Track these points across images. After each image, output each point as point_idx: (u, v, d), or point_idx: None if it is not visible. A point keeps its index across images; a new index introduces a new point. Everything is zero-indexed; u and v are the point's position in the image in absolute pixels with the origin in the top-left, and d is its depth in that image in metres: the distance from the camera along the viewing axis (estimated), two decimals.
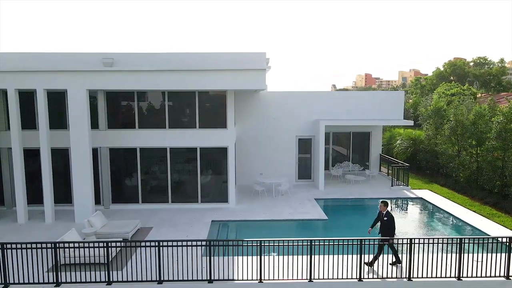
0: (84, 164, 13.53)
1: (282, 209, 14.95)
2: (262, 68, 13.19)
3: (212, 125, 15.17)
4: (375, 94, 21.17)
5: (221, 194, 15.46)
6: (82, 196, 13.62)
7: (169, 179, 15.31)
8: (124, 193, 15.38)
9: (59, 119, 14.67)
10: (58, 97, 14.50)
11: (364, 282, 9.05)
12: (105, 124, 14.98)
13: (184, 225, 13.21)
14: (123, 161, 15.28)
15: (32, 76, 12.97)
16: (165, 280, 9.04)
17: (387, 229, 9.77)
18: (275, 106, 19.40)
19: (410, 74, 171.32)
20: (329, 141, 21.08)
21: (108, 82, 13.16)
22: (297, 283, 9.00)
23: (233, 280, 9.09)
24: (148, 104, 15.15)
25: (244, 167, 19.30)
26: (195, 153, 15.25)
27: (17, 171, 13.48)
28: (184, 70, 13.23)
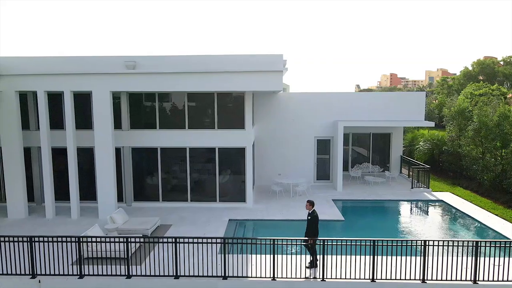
0: (108, 163, 14.10)
1: (299, 209, 15.05)
2: (279, 70, 13.37)
3: (230, 125, 15.46)
4: (396, 95, 20.92)
5: (239, 193, 15.72)
6: (106, 194, 14.19)
7: (188, 178, 15.71)
8: (145, 191, 15.89)
9: (84, 119, 15.32)
10: (84, 99, 15.15)
11: (376, 282, 9.07)
12: (127, 124, 15.53)
13: (202, 223, 13.54)
14: (145, 161, 15.79)
15: (60, 79, 13.63)
16: (181, 275, 9.36)
17: (307, 229, 9.68)
18: (293, 107, 19.51)
19: (437, 73, 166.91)
20: (349, 142, 21.01)
21: (131, 84, 13.67)
22: (310, 282, 9.12)
23: (246, 277, 9.31)
24: (168, 105, 15.60)
25: (263, 167, 19.52)
26: (214, 153, 15.58)
27: (46, 169, 14.18)
28: (203, 72, 13.58)
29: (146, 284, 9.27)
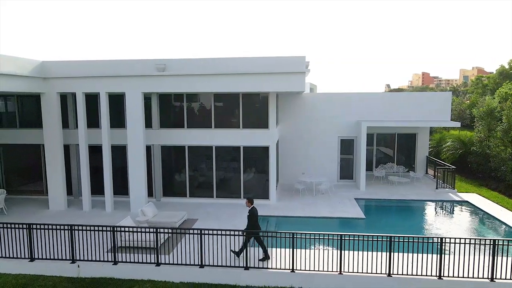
0: (139, 160, 14.99)
1: (321, 207, 15.41)
2: (302, 71, 13.79)
3: (255, 125, 16.01)
4: (421, 95, 20.77)
5: (262, 191, 16.25)
6: (137, 189, 15.10)
7: (214, 175, 16.40)
8: (174, 187, 16.71)
9: (118, 119, 16.32)
10: (117, 99, 16.15)
11: (393, 277, 9.35)
12: (157, 123, 16.40)
13: (226, 218, 14.16)
14: (173, 158, 16.62)
15: (97, 81, 14.65)
16: (206, 264, 9.99)
17: (248, 223, 10.26)
18: (317, 107, 19.83)
19: (472, 72, 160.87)
20: (373, 142, 21.07)
21: (161, 85, 14.49)
22: (327, 275, 9.52)
23: (267, 268, 9.82)
24: (196, 105, 16.35)
25: (287, 166, 19.95)
26: (239, 151, 16.19)
27: (83, 165, 15.26)
28: (229, 74, 14.21)
29: (173, 272, 9.96)
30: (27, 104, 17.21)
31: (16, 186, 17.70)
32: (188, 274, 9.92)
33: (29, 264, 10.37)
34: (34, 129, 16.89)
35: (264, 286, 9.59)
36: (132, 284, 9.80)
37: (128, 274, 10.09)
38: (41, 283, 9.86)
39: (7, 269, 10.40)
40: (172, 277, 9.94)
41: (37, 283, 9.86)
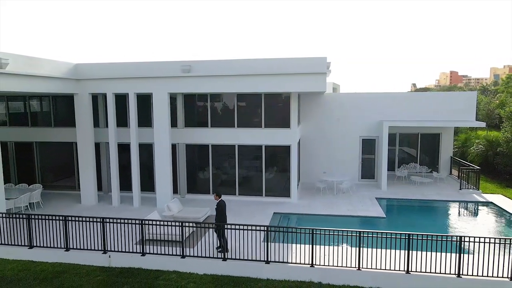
0: (165, 158, 15.63)
1: (341, 206, 15.60)
2: (323, 72, 14.03)
3: (276, 124, 16.36)
4: (446, 95, 20.55)
5: (284, 189, 16.59)
6: (163, 185, 15.74)
7: (237, 173, 16.86)
8: (198, 185, 17.28)
9: (145, 118, 17.03)
10: (145, 99, 16.86)
11: (411, 274, 9.50)
12: (182, 122, 17.01)
13: (248, 215, 14.57)
14: (197, 156, 17.19)
15: (126, 82, 15.38)
16: (228, 258, 10.43)
17: (216, 216, 10.90)
18: (339, 107, 19.97)
19: (504, 71, 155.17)
20: (395, 142, 21.00)
21: (186, 86, 15.06)
22: (346, 270, 9.77)
23: (287, 262, 10.17)
24: (219, 105, 16.86)
25: (308, 165, 20.19)
26: (261, 150, 16.58)
27: (113, 162, 16.04)
28: (251, 75, 14.62)
29: (197, 264, 10.45)
30: (61, 104, 18.19)
31: (51, 181, 18.74)
32: (212, 267, 10.38)
33: (65, 254, 11.12)
34: (67, 127, 17.84)
35: (284, 279, 9.94)
36: (159, 274, 10.35)
37: (155, 265, 10.66)
38: (76, 271, 10.57)
39: (45, 257, 11.18)
40: (196, 269, 10.43)
41: (72, 271, 10.58)
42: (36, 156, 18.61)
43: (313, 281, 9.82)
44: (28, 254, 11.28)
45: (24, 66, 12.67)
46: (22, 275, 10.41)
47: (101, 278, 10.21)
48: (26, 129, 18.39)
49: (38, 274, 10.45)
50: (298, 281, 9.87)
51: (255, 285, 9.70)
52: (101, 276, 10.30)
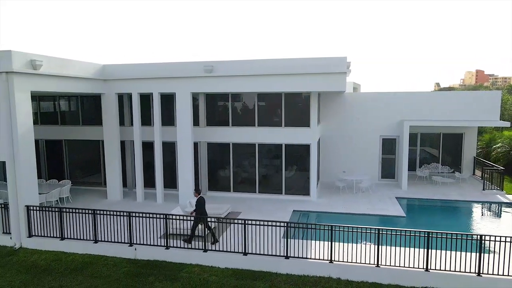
0: (187, 156, 16.08)
1: (360, 205, 15.66)
2: (343, 71, 14.16)
3: (296, 123, 16.57)
4: (469, 94, 20.24)
5: (303, 187, 16.77)
6: (185, 183, 16.19)
7: (257, 171, 17.16)
8: (218, 182, 17.68)
9: (168, 117, 17.54)
10: (168, 99, 17.37)
11: (430, 272, 9.55)
12: (204, 121, 17.44)
13: (268, 212, 14.84)
14: (218, 154, 17.58)
15: (150, 82, 15.91)
16: (249, 252, 10.74)
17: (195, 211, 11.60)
18: (359, 106, 19.98)
19: None
20: (417, 141, 20.84)
21: (208, 86, 15.46)
22: (365, 267, 9.90)
23: (306, 258, 10.38)
24: (240, 104, 17.20)
25: (327, 164, 20.29)
26: (281, 149, 16.82)
27: (137, 160, 16.61)
28: (272, 75, 14.89)
29: (219, 258, 10.80)
30: (88, 104, 18.94)
31: (78, 177, 19.54)
32: (233, 261, 10.70)
33: (94, 245, 11.68)
34: (94, 126, 18.57)
35: (304, 275, 10.16)
36: (182, 267, 10.75)
37: (178, 258, 11.07)
38: (104, 262, 11.10)
39: (75, 248, 11.78)
40: (218, 262, 10.78)
41: (100, 262, 11.12)
42: (65, 153, 19.45)
43: (332, 277, 10.00)
44: (60, 245, 11.91)
45: (56, 67, 13.33)
46: (54, 265, 11.02)
47: (127, 269, 10.70)
48: (55, 127, 19.24)
49: (69, 264, 11.03)
50: (317, 276, 10.07)
51: (275, 279, 9.97)
52: (127, 268, 10.78)
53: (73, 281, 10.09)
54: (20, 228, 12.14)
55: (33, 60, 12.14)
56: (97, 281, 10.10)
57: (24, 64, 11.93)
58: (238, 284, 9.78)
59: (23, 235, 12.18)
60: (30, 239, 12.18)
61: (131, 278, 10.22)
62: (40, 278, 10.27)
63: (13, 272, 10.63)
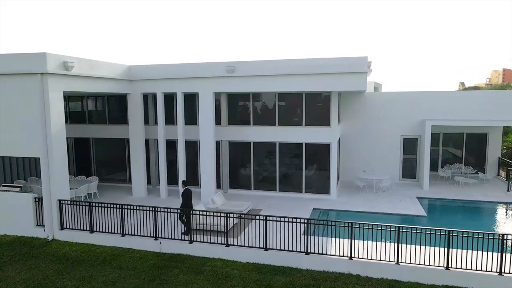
0: (209, 154, 16.49)
1: (381, 204, 15.70)
2: (364, 71, 14.25)
3: (317, 123, 16.74)
4: (493, 93, 19.95)
5: (323, 186, 16.93)
6: (207, 180, 16.61)
7: (277, 170, 17.42)
8: (239, 180, 18.03)
9: (190, 116, 18.01)
10: (190, 99, 17.84)
11: (451, 271, 9.58)
12: (226, 121, 17.82)
13: (288, 210, 15.07)
14: (239, 153, 17.94)
15: (174, 82, 16.40)
16: (270, 248, 11.02)
17: (182, 202, 12.39)
18: (380, 106, 19.95)
19: None
20: (439, 141, 20.62)
21: (230, 86, 15.82)
22: (384, 264, 10.02)
23: (326, 254, 10.58)
24: (261, 104, 17.50)
25: (348, 163, 20.34)
26: (301, 148, 17.03)
27: (161, 158, 17.14)
28: (293, 75, 15.12)
29: (241, 253, 11.12)
30: (113, 103, 19.64)
31: (105, 174, 20.28)
32: (254, 256, 11.00)
33: (121, 239, 12.22)
34: (120, 125, 19.24)
35: (324, 270, 10.36)
36: (205, 261, 11.13)
37: (201, 252, 11.46)
38: (131, 255, 11.60)
39: (104, 241, 12.34)
40: (239, 257, 11.11)
41: (127, 255, 11.63)
42: (92, 151, 20.22)
43: (351, 273, 10.16)
44: (89, 238, 12.50)
45: (86, 68, 13.97)
46: (84, 256, 11.60)
47: (153, 261, 11.16)
48: (83, 126, 20.03)
49: (98, 256, 11.59)
50: (337, 272, 10.25)
51: (295, 275, 10.21)
52: (153, 260, 11.25)
53: (102, 272, 10.61)
54: (52, 221, 12.81)
55: (66, 62, 12.78)
56: (125, 272, 10.59)
57: (57, 66, 12.58)
58: (260, 278, 10.07)
59: (55, 228, 12.84)
60: (62, 231, 12.83)
61: (157, 270, 10.66)
62: (72, 268, 10.85)
63: (47, 262, 11.26)
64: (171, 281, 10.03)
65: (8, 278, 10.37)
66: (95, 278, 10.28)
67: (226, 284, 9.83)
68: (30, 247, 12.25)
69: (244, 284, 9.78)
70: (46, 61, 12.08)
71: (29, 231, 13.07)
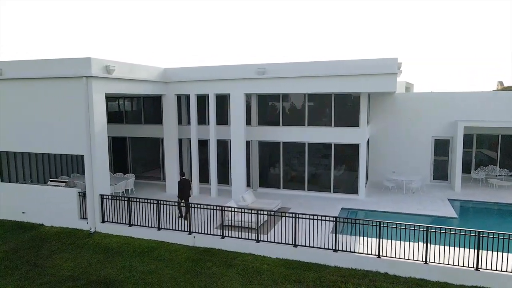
0: (240, 154, 17.01)
1: (410, 205, 15.67)
2: (394, 72, 14.30)
3: (346, 123, 16.90)
4: None
5: (351, 186, 17.07)
6: (238, 179, 17.14)
7: (306, 170, 17.71)
8: (268, 179, 18.45)
9: (221, 117, 18.61)
10: (222, 100, 18.44)
11: (481, 272, 9.59)
12: (256, 121, 18.30)
13: (317, 209, 15.34)
14: (269, 153, 18.36)
15: (207, 84, 17.03)
16: (299, 244, 11.37)
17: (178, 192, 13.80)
18: (410, 106, 19.78)
19: None
20: (472, 143, 20.20)
21: (261, 87, 16.27)
22: (413, 263, 10.14)
23: (354, 252, 10.81)
24: (290, 104, 17.85)
25: (377, 164, 20.31)
26: (330, 148, 17.24)
27: (194, 157, 17.83)
28: (322, 76, 15.36)
29: (270, 248, 11.54)
30: (148, 104, 20.56)
31: (140, 172, 21.26)
32: (283, 252, 11.39)
33: (157, 232, 12.93)
34: (154, 125, 20.14)
35: (351, 268, 10.61)
36: (236, 255, 11.63)
37: (233, 247, 11.97)
38: (166, 248, 12.28)
39: (142, 234, 13.11)
40: (269, 253, 11.53)
41: (163, 247, 12.32)
42: (128, 149, 21.26)
43: (379, 271, 10.35)
44: (128, 231, 13.31)
45: (126, 71, 14.82)
46: (124, 247, 12.38)
47: (187, 254, 11.78)
48: (121, 125, 21.09)
49: (137, 248, 12.34)
50: (364, 270, 10.47)
51: (324, 271, 10.52)
52: (187, 253, 11.87)
53: (140, 262, 11.33)
54: (95, 214, 13.72)
55: (108, 66, 13.65)
56: (161, 263, 11.26)
57: (100, 69, 13.47)
58: (289, 273, 10.45)
59: (97, 221, 13.75)
60: (103, 224, 13.72)
61: (191, 262, 11.27)
62: (113, 258, 11.64)
63: (90, 252, 12.12)
64: (204, 273, 10.59)
65: (56, 266, 11.28)
66: (135, 268, 11.00)
67: (256, 277, 10.28)
68: (75, 238, 13.20)
69: (274, 278, 10.19)
70: (91, 65, 12.98)
71: (73, 223, 14.06)
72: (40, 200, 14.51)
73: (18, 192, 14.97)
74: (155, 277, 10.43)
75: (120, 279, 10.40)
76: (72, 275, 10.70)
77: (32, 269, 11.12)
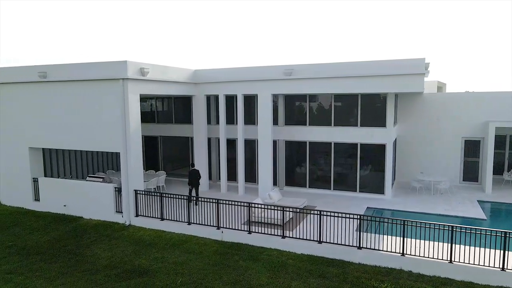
0: (267, 153, 17.43)
1: (437, 205, 15.57)
2: (421, 72, 14.29)
3: (372, 123, 16.97)
4: None
5: (377, 186, 17.12)
6: (264, 177, 17.58)
7: (332, 169, 17.91)
8: (295, 178, 18.78)
9: (249, 116, 19.10)
10: (249, 100, 18.93)
11: (507, 272, 9.56)
12: (283, 121, 18.67)
13: (342, 208, 15.53)
14: (295, 152, 18.68)
15: (235, 85, 17.57)
16: (324, 241, 11.67)
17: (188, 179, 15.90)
18: (439, 107, 19.55)
19: None
20: (505, 144, 19.71)
21: (288, 87, 16.63)
22: (437, 262, 10.22)
23: (378, 250, 11.00)
24: (317, 105, 18.10)
25: (404, 164, 20.19)
26: (356, 148, 17.36)
27: (222, 155, 18.42)
28: (349, 77, 15.53)
29: (296, 244, 11.89)
30: (178, 104, 21.36)
31: (170, 169, 22.11)
32: (308, 248, 11.72)
33: (187, 227, 13.57)
34: (184, 124, 20.91)
35: (375, 265, 10.80)
36: (263, 250, 12.06)
37: (259, 242, 12.41)
38: (196, 241, 12.89)
39: (173, 228, 13.79)
40: (294, 248, 11.89)
41: (193, 241, 12.93)
42: (160, 147, 22.16)
43: (403, 269, 10.49)
44: (160, 224, 14.03)
45: (159, 73, 15.58)
46: (156, 240, 13.10)
47: (216, 248, 12.33)
48: (152, 125, 22.02)
49: (168, 240, 13.02)
50: (388, 267, 10.64)
51: (348, 267, 10.77)
52: (215, 247, 12.42)
53: (172, 254, 11.98)
54: (129, 209, 14.55)
55: (142, 68, 14.44)
56: (191, 256, 11.85)
57: (135, 72, 14.27)
58: (313, 269, 10.78)
59: (131, 215, 14.57)
60: (137, 218, 14.52)
61: (219, 255, 11.80)
62: (147, 250, 12.36)
63: (125, 244, 12.91)
64: (232, 266, 11.09)
65: (95, 255, 12.12)
66: (166, 259, 11.65)
67: (282, 271, 10.68)
68: (111, 230, 14.07)
69: (299, 273, 10.55)
70: (127, 68, 13.79)
71: (110, 217, 14.96)
72: (80, 194, 15.52)
73: (60, 187, 16.06)
74: (185, 268, 11.03)
75: (153, 269, 11.07)
76: (109, 264, 11.48)
77: (73, 257, 12.01)
